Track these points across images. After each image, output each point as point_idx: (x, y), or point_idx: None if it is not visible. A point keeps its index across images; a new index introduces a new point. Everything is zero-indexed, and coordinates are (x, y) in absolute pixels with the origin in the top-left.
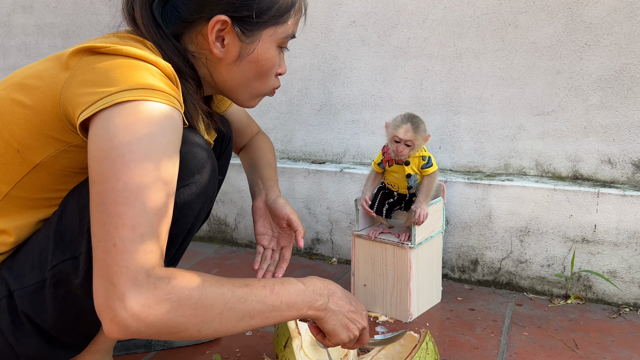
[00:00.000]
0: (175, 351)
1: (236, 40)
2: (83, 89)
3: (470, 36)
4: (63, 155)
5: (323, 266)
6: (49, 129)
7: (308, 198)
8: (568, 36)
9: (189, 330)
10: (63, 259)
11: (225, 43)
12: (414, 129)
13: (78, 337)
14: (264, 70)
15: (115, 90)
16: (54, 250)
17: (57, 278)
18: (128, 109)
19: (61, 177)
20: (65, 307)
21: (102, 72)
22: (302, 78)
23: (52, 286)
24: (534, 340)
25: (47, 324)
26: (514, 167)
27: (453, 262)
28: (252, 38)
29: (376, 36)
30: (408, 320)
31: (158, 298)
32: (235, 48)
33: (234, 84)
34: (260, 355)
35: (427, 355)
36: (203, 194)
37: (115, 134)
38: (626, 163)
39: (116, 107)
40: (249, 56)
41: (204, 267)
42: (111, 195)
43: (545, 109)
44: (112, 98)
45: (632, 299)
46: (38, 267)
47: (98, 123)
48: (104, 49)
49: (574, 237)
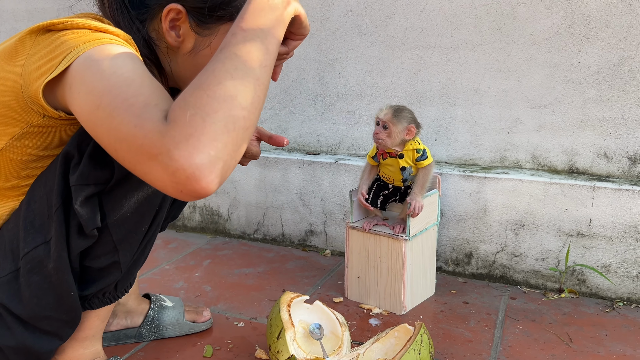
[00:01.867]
0: (166, 342)
1: (191, 31)
2: (43, 60)
3: (468, 27)
4: (24, 137)
5: (316, 258)
6: (8, 110)
7: (302, 189)
8: (566, 28)
9: (236, 116)
10: (35, 245)
11: (180, 33)
12: (393, 113)
13: (60, 325)
14: None
15: (77, 47)
16: (25, 237)
17: (30, 265)
18: (93, 52)
19: (25, 163)
20: (42, 293)
21: (60, 42)
22: (297, 67)
23: (26, 273)
24: (528, 334)
25: (26, 313)
26: (510, 160)
27: (447, 255)
28: (208, 31)
29: (373, 26)
30: (402, 312)
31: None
32: (190, 39)
33: (187, 77)
34: (253, 346)
35: (421, 347)
36: None
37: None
38: (622, 157)
39: (74, 63)
40: (204, 50)
41: (196, 258)
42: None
43: (542, 102)
44: (75, 52)
45: (625, 294)
46: (10, 257)
47: (66, 83)
48: (60, 25)
49: (569, 230)
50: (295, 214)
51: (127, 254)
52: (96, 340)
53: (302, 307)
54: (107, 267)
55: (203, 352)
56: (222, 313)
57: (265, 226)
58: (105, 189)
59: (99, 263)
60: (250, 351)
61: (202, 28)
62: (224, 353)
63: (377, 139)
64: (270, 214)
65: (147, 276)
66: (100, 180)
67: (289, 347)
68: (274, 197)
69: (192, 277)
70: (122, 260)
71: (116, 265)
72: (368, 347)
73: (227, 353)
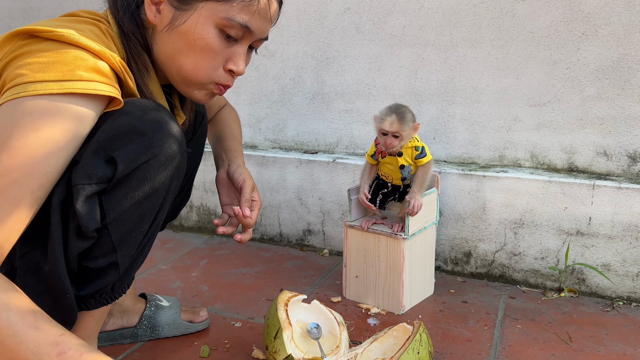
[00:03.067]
0: (162, 342)
1: (170, 6)
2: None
3: (467, 25)
4: None
5: (314, 257)
6: None
7: (300, 188)
8: (566, 26)
9: None
10: (32, 247)
11: (160, 8)
12: (399, 120)
13: None
14: (195, 48)
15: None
16: (22, 238)
17: (26, 267)
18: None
19: None
20: (37, 295)
21: (24, 64)
22: (294, 66)
23: (23, 275)
24: (528, 333)
25: None
26: (509, 159)
27: (446, 254)
28: (186, 7)
29: (371, 24)
30: (400, 312)
31: None
32: (168, 14)
33: (165, 57)
34: (250, 346)
35: (420, 347)
36: (170, 165)
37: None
38: (622, 155)
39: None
40: (180, 27)
41: (193, 257)
42: None
43: (541, 100)
44: (19, 90)
45: (625, 293)
46: (7, 257)
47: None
48: (45, 33)
49: (569, 229)
50: (293, 214)
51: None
52: (92, 340)
53: (299, 307)
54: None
55: (200, 352)
56: (219, 313)
57: (262, 226)
58: (106, 188)
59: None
60: (247, 351)
61: (180, 3)
62: (220, 353)
63: (390, 148)
64: (268, 213)
65: (143, 276)
66: (103, 178)
67: (286, 346)
68: (271, 197)
69: (188, 277)
70: (121, 261)
71: (114, 266)
72: (366, 347)
73: (224, 353)
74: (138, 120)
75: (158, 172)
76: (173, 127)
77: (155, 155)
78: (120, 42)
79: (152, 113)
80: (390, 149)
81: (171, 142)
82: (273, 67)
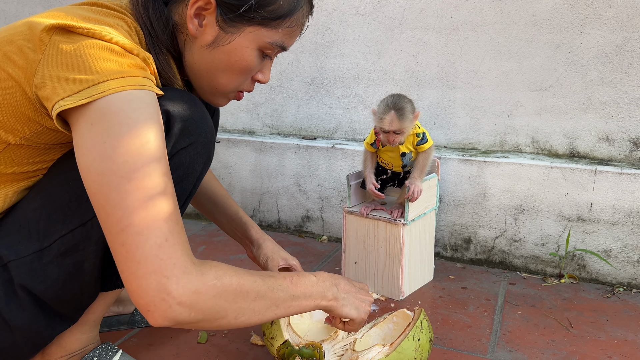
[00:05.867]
0: (159, 328)
1: (215, 24)
2: (62, 70)
3: (468, 8)
4: (40, 134)
5: (313, 244)
6: (21, 105)
7: (298, 175)
8: (569, 8)
9: (228, 316)
10: (72, 228)
11: (204, 23)
12: (399, 117)
13: (75, 308)
14: (234, 68)
15: (95, 80)
16: (63, 219)
17: (65, 247)
18: (112, 103)
19: (41, 150)
20: (69, 277)
21: (84, 59)
22: (292, 50)
23: (60, 255)
24: (528, 319)
25: (48, 295)
26: (510, 144)
27: (445, 241)
28: (232, 29)
29: (370, 6)
30: (400, 298)
31: (206, 284)
32: (212, 32)
33: (201, 70)
34: (248, 332)
35: (421, 333)
36: (205, 153)
37: (108, 143)
38: (624, 140)
39: (98, 102)
40: (223, 47)
41: (192, 244)
42: (126, 206)
43: (543, 84)
44: (101, 88)
45: (626, 279)
46: (36, 237)
47: (82, 120)
48: (81, 30)
49: (570, 215)
50: (292, 200)
51: None
52: (95, 325)
53: None
54: None
55: (197, 338)
56: None
57: (261, 212)
58: None
59: None
60: (245, 337)
61: (228, 25)
62: (218, 339)
63: (393, 144)
64: (266, 199)
65: None
66: None
67: (283, 332)
68: (269, 183)
69: None
70: None
71: None
72: (365, 332)
73: (222, 339)
74: (179, 109)
75: (194, 158)
76: (209, 118)
77: (192, 142)
78: (144, 39)
79: (191, 103)
80: (393, 145)
81: (207, 131)
82: None
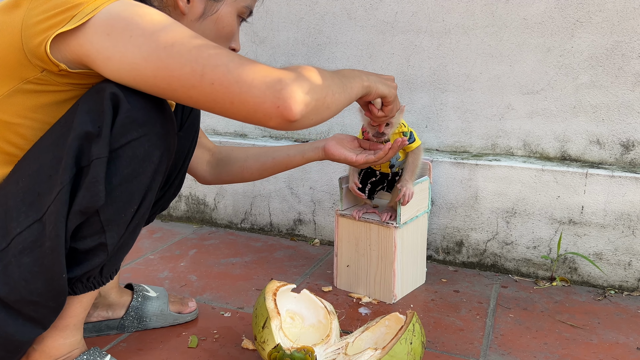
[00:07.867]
0: (149, 332)
1: None
2: (50, 12)
3: (460, 11)
4: (15, 95)
5: (305, 247)
6: (4, 63)
7: (290, 178)
8: (559, 12)
9: (327, 96)
10: (28, 224)
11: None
12: None
13: (45, 312)
14: (221, 35)
15: (83, 3)
16: (17, 216)
17: (22, 245)
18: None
19: (11, 126)
20: (31, 276)
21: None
22: (285, 53)
23: (18, 254)
24: (520, 322)
25: (12, 297)
26: (502, 147)
27: (437, 244)
28: None
29: (362, 10)
30: (392, 301)
31: (303, 73)
32: (200, 5)
33: None
34: (239, 336)
35: (413, 337)
36: (161, 145)
37: (135, 33)
38: (615, 144)
39: (98, 16)
40: (212, 16)
41: (182, 247)
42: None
43: (535, 88)
44: (87, 10)
45: (617, 282)
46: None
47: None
48: None
49: (561, 218)
50: (284, 203)
51: (115, 236)
52: (77, 330)
53: (289, 296)
54: (93, 248)
55: (188, 343)
56: (208, 303)
57: (252, 215)
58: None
59: (85, 244)
60: (236, 341)
61: None
62: (209, 343)
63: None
64: (258, 202)
65: (130, 266)
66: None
67: (274, 336)
68: (261, 186)
69: (177, 266)
70: (109, 242)
71: (103, 247)
72: (357, 336)
73: (212, 343)
74: (131, 93)
75: (149, 150)
76: (165, 107)
77: (146, 133)
78: None
79: (144, 93)
80: (384, 138)
81: (162, 121)
82: (263, 53)
